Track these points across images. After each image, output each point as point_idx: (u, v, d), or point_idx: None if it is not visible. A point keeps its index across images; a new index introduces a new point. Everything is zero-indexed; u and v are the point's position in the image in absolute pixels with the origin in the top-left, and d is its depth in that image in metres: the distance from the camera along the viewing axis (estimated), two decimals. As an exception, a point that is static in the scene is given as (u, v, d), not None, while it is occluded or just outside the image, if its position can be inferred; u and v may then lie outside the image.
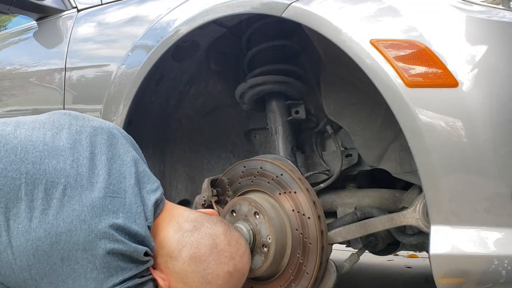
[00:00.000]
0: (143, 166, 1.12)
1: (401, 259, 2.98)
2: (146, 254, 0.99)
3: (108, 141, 1.07)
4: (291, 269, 1.29)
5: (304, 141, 1.69)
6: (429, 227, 1.07)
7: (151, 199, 1.06)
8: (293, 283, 1.29)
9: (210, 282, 1.05)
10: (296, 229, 1.29)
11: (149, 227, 1.02)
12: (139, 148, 1.21)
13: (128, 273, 0.95)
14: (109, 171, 1.01)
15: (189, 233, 1.06)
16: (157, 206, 1.08)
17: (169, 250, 1.05)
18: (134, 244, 0.95)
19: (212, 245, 1.06)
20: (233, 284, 1.09)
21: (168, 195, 1.70)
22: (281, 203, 1.32)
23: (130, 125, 1.52)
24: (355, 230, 1.30)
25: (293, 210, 1.29)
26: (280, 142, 1.54)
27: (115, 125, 1.17)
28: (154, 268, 1.05)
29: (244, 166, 1.40)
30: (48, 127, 1.04)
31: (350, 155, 1.57)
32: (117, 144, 1.08)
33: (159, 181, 1.14)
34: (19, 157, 0.95)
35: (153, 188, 1.09)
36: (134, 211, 0.99)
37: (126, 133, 1.19)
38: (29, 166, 0.94)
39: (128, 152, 1.09)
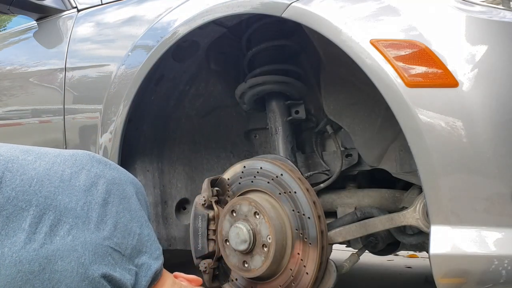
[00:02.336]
0: (148, 230, 1.10)
1: (401, 259, 2.98)
2: None
3: (123, 193, 1.06)
4: (291, 269, 1.29)
5: (304, 141, 1.69)
6: (429, 227, 1.07)
7: (151, 268, 1.05)
8: (293, 283, 1.29)
9: None
10: (296, 229, 1.29)
11: None
12: (150, 208, 1.19)
13: None
14: (116, 224, 1.00)
15: None
16: (156, 277, 1.07)
17: None
18: None
19: None
20: None
21: (167, 192, 1.70)
22: (281, 203, 1.32)
23: (130, 124, 1.52)
24: (355, 230, 1.30)
25: (293, 210, 1.29)
26: (280, 142, 1.54)
27: (136, 179, 1.15)
28: None
29: (244, 166, 1.40)
30: (69, 165, 1.02)
31: (350, 155, 1.57)
32: (130, 199, 1.07)
33: (161, 248, 1.12)
34: (33, 189, 0.93)
35: (155, 256, 1.08)
36: (133, 272, 0.99)
37: (144, 191, 1.17)
38: (41, 199, 0.93)
39: (139, 211, 1.08)
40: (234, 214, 1.36)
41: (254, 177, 1.37)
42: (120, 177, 1.08)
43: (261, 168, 1.36)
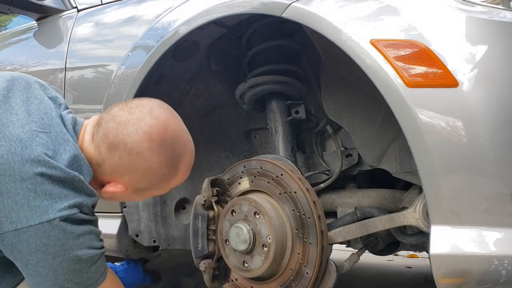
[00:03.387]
0: (53, 92, 1.13)
1: (401, 259, 2.98)
2: (82, 182, 0.99)
3: (24, 86, 1.08)
4: (291, 269, 1.29)
5: (304, 141, 1.69)
6: (429, 227, 1.07)
7: (68, 120, 1.08)
8: (293, 283, 1.29)
9: (139, 153, 1.03)
10: (296, 229, 1.29)
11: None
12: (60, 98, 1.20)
13: (71, 200, 0.95)
14: (28, 111, 1.02)
15: (90, 139, 1.08)
16: (75, 124, 1.09)
17: (94, 159, 1.06)
18: (69, 170, 0.96)
19: (116, 127, 1.04)
20: (163, 139, 1.05)
21: (167, 192, 1.69)
22: (281, 203, 1.32)
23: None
24: (355, 230, 1.30)
25: (293, 210, 1.29)
26: (280, 142, 1.54)
27: (34, 77, 1.17)
28: (102, 186, 1.08)
29: (244, 166, 1.40)
30: None
31: (350, 155, 1.57)
32: (30, 88, 1.08)
33: (63, 100, 1.16)
34: None
35: (64, 107, 1.12)
36: (61, 139, 1.01)
37: (45, 82, 1.19)
38: None
39: (44, 95, 1.10)
40: (234, 214, 1.36)
41: (254, 177, 1.37)
42: (19, 75, 1.11)
43: (261, 168, 1.36)
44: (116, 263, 1.75)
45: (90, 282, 1.02)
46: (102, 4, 1.84)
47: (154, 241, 1.63)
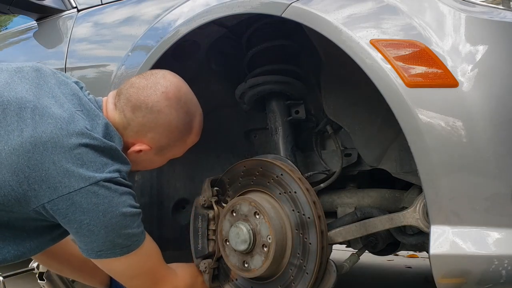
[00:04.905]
0: (71, 78, 1.30)
1: (401, 259, 2.98)
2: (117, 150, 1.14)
3: (50, 73, 1.21)
4: (291, 269, 1.29)
5: (304, 141, 1.69)
6: (429, 227, 1.07)
7: (92, 99, 1.24)
8: (293, 283, 1.29)
9: (159, 110, 1.20)
10: (296, 229, 1.29)
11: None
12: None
13: (111, 166, 1.10)
14: (61, 93, 1.16)
15: (113, 107, 1.24)
16: (97, 102, 1.25)
17: (121, 123, 1.22)
18: (106, 140, 1.12)
19: (136, 91, 1.21)
20: (178, 97, 1.23)
21: (165, 193, 1.70)
22: (281, 203, 1.32)
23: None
24: (355, 230, 1.30)
25: (293, 210, 1.29)
26: (280, 142, 1.54)
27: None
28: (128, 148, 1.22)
29: (244, 166, 1.40)
30: None
31: (350, 155, 1.56)
32: (55, 74, 1.23)
33: (83, 83, 1.31)
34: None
35: (85, 89, 1.28)
36: (93, 115, 1.16)
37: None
38: None
39: (67, 79, 1.25)
40: (234, 214, 1.36)
41: (254, 177, 1.37)
42: (38, 64, 1.24)
43: (261, 168, 1.36)
44: None
45: (136, 239, 1.16)
46: (102, 4, 1.84)
47: None
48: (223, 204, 1.43)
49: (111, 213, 1.08)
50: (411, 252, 2.99)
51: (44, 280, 1.55)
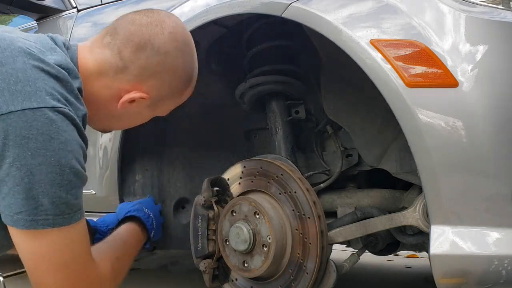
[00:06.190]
0: None
1: (401, 259, 2.98)
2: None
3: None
4: (291, 269, 1.29)
5: (304, 141, 1.69)
6: (429, 227, 1.07)
7: (59, 39, 1.02)
8: (293, 283, 1.29)
9: (166, 52, 1.02)
10: (296, 229, 1.29)
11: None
12: None
13: (59, 94, 0.86)
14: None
15: (101, 46, 1.03)
16: (69, 45, 1.04)
17: (114, 65, 1.02)
18: (57, 66, 0.90)
19: (139, 28, 1.02)
20: (186, 40, 1.07)
21: (166, 191, 1.70)
22: (281, 203, 1.32)
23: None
24: (355, 230, 1.30)
25: (293, 210, 1.29)
26: (280, 142, 1.54)
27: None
28: (121, 96, 1.03)
29: (244, 166, 1.40)
30: None
31: (350, 155, 1.56)
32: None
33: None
34: None
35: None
36: (48, 47, 0.94)
37: None
38: None
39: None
40: (234, 214, 1.36)
41: (254, 177, 1.37)
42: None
43: (261, 168, 1.36)
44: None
45: (68, 212, 0.86)
46: (102, 4, 1.84)
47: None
48: (223, 204, 1.43)
49: (43, 157, 0.82)
50: (411, 252, 2.99)
51: None
